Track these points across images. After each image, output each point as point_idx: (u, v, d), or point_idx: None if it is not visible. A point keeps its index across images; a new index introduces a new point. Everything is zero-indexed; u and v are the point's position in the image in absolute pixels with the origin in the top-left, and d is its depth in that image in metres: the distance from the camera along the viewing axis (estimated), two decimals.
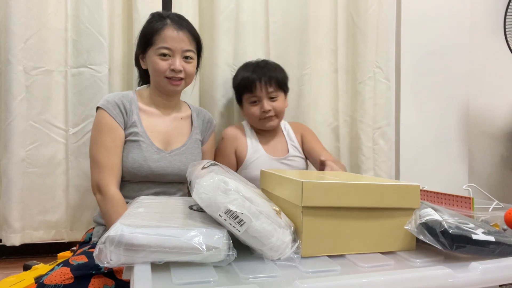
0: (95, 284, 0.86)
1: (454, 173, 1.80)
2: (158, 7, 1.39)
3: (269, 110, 1.32)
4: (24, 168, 1.29)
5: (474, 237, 0.61)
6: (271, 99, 1.33)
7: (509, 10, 1.67)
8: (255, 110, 1.33)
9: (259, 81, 1.31)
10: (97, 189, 1.08)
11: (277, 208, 0.70)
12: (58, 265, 0.90)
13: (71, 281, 0.84)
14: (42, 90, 1.32)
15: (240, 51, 1.49)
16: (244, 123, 1.43)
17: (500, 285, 0.61)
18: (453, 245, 0.61)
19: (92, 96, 1.33)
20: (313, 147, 1.41)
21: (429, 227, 0.63)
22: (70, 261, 0.90)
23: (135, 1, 1.36)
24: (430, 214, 0.68)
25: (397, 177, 1.75)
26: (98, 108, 1.13)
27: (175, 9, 1.41)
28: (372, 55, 1.61)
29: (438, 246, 0.61)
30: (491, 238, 0.62)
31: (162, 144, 1.17)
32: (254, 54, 1.46)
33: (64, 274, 0.85)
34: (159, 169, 1.13)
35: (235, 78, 1.39)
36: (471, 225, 0.67)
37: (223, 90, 1.47)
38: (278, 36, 1.54)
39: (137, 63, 1.26)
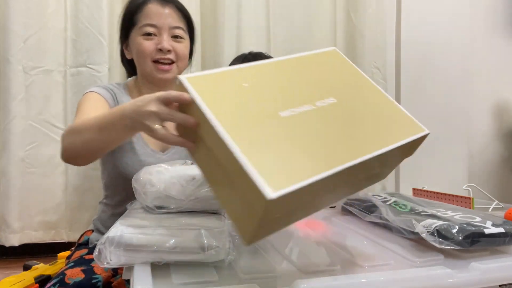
0: None
1: (454, 173, 1.80)
2: None
3: None
4: (24, 168, 1.29)
5: (487, 231, 0.65)
6: None
7: None
8: None
9: None
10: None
11: None
12: (53, 284, 0.82)
13: None
14: (42, 90, 1.32)
15: (243, 51, 1.48)
16: None
17: (500, 285, 0.61)
18: (468, 242, 0.63)
19: None
20: None
21: (440, 233, 0.64)
22: (66, 279, 0.83)
23: None
24: (435, 221, 0.69)
25: (397, 176, 1.74)
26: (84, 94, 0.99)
27: None
28: (370, 56, 1.61)
29: (456, 247, 0.63)
30: (501, 230, 0.65)
31: (157, 145, 1.02)
32: None
33: None
34: None
35: None
36: (478, 219, 0.70)
37: None
38: (280, 36, 1.54)
39: (123, 58, 1.11)
